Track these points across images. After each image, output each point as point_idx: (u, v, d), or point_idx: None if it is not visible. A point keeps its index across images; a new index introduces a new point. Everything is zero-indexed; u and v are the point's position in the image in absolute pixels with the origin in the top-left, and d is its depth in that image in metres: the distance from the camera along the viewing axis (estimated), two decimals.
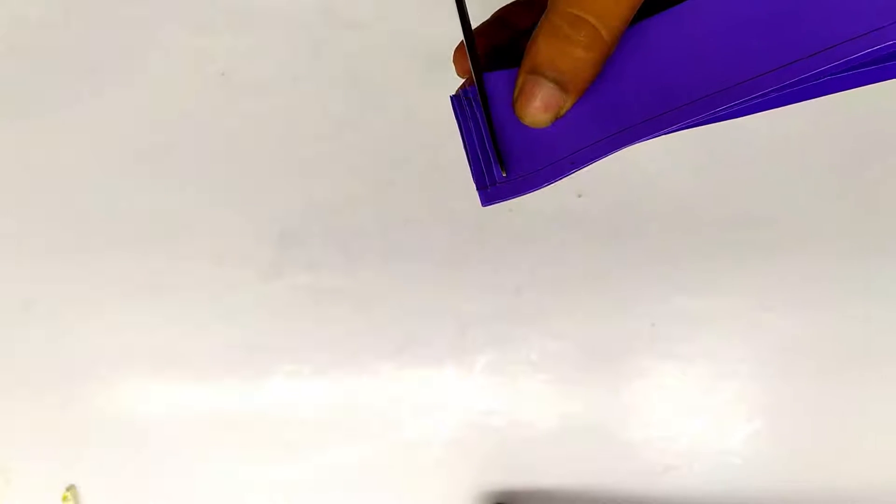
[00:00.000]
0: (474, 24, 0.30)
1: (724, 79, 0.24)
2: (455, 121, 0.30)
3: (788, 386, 0.65)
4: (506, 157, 0.28)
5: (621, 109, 0.26)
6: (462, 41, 0.29)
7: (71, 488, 0.70)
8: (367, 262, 0.64)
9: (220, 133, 0.67)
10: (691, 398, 0.65)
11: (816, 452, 0.65)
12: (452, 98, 0.30)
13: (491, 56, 0.31)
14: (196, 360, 0.68)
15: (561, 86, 0.25)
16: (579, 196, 0.64)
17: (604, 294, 0.65)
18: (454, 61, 0.31)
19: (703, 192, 0.64)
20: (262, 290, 0.67)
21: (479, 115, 0.29)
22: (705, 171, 0.64)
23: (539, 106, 0.26)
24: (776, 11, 0.23)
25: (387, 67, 0.64)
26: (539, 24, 0.25)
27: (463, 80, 0.32)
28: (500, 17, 0.31)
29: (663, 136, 0.25)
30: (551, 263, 0.64)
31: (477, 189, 0.28)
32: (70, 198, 0.69)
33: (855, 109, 0.62)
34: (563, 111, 0.26)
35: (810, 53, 0.21)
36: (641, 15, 0.25)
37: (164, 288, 0.68)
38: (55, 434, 0.70)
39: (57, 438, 0.70)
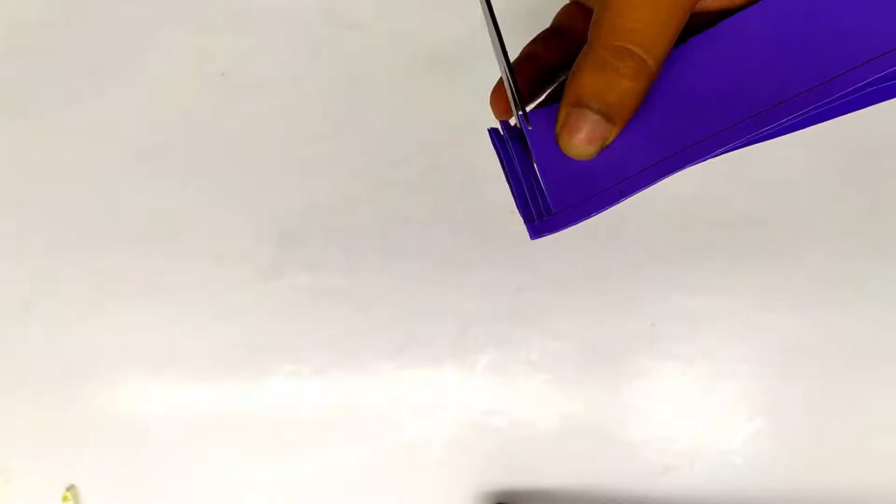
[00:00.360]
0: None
1: (763, 100, 0.24)
2: (496, 155, 0.30)
3: (789, 386, 0.65)
4: (553, 190, 0.28)
5: (665, 136, 0.26)
6: (498, 81, 0.29)
7: (71, 488, 0.70)
8: (367, 261, 0.64)
9: (220, 133, 0.67)
10: (691, 398, 0.65)
11: (817, 452, 0.65)
12: (491, 131, 0.30)
13: (525, 95, 0.31)
14: (196, 359, 0.68)
15: (607, 117, 0.25)
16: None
17: (604, 294, 0.65)
18: (492, 103, 0.31)
19: (704, 192, 0.64)
20: (262, 290, 0.67)
21: (519, 150, 0.29)
22: (706, 172, 0.64)
23: (584, 138, 0.26)
24: (811, 30, 0.24)
25: (387, 67, 0.64)
26: (581, 56, 0.25)
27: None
28: (528, 53, 0.31)
29: (713, 158, 0.26)
30: (551, 263, 0.65)
31: (525, 222, 0.28)
32: (70, 198, 0.69)
33: (855, 116, 0.62)
34: (608, 142, 0.26)
35: (847, 70, 0.23)
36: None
37: (164, 288, 0.68)
38: (55, 434, 0.70)
39: (57, 438, 0.70)
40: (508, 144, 0.30)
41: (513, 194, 0.29)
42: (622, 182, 0.27)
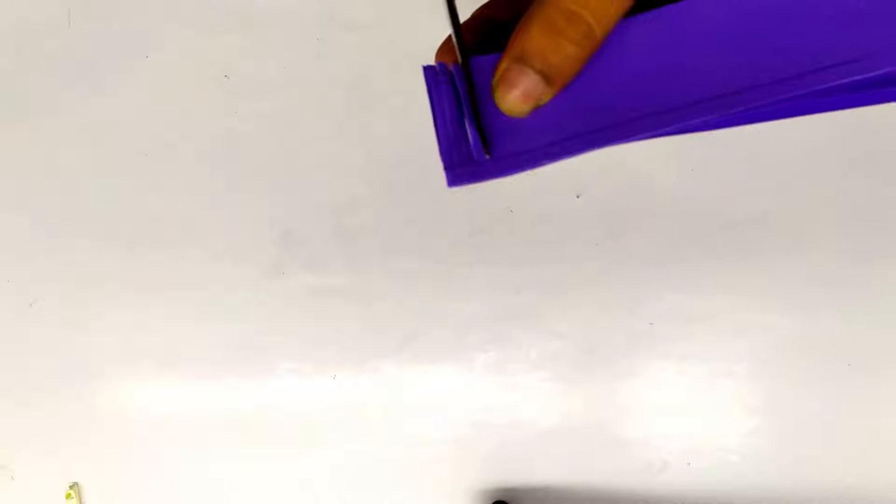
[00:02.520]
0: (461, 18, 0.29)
1: (708, 88, 0.24)
2: (427, 93, 0.29)
3: (786, 385, 0.65)
4: (480, 140, 0.27)
5: (600, 108, 0.25)
6: (446, 38, 0.29)
7: (74, 486, 0.70)
8: (367, 261, 0.64)
9: (222, 133, 0.67)
10: (689, 397, 0.65)
11: (813, 450, 0.65)
12: (426, 69, 0.29)
13: (472, 48, 0.30)
14: (197, 358, 0.69)
15: (546, 78, 0.25)
16: (578, 196, 0.64)
17: (603, 294, 0.65)
18: (437, 57, 0.30)
19: (702, 192, 0.64)
20: (263, 290, 0.67)
21: (459, 94, 0.28)
22: (705, 172, 0.64)
23: (520, 95, 0.25)
24: (768, 27, 0.23)
25: (387, 68, 0.64)
26: (531, 13, 0.25)
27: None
28: (478, 14, 0.31)
29: (648, 139, 0.25)
30: (551, 263, 0.65)
31: (444, 168, 0.27)
32: (73, 198, 0.69)
33: (854, 112, 0.62)
34: (541, 103, 0.26)
35: (802, 72, 0.22)
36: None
37: (165, 287, 0.68)
38: (58, 431, 0.71)
39: (60, 436, 0.71)
40: (442, 87, 0.29)
41: (437, 137, 0.28)
42: (551, 146, 0.27)
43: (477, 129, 0.26)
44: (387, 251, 0.63)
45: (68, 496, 0.70)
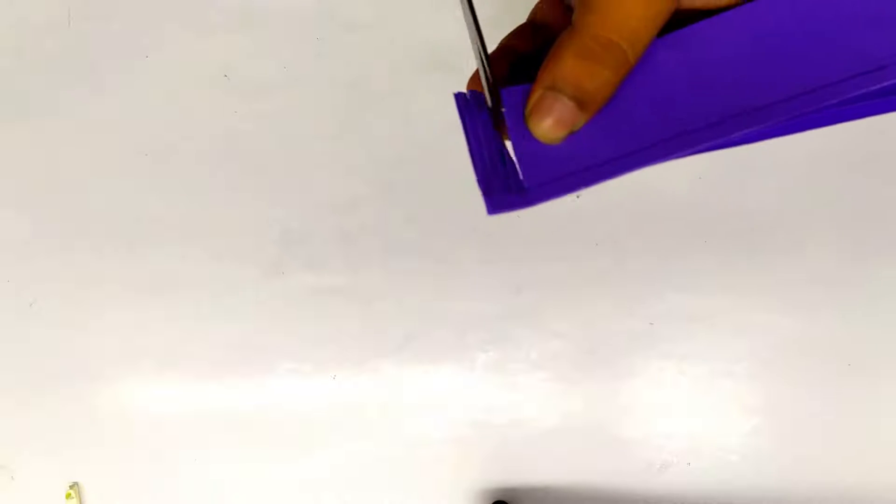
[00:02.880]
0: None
1: (733, 106, 0.24)
2: (460, 122, 0.29)
3: (786, 385, 0.65)
4: (523, 168, 0.28)
5: (632, 131, 0.26)
6: (475, 72, 0.29)
7: (74, 486, 0.70)
8: (367, 261, 0.64)
9: (222, 133, 0.67)
10: (689, 397, 0.65)
11: (813, 450, 0.65)
12: (457, 96, 0.29)
13: (500, 80, 0.31)
14: (198, 358, 0.69)
15: (580, 104, 0.25)
16: (578, 196, 0.64)
17: (603, 294, 0.65)
18: (469, 87, 0.31)
19: (703, 192, 0.64)
20: (263, 289, 0.67)
21: (485, 120, 0.28)
22: (705, 172, 0.65)
23: (554, 123, 0.25)
24: (787, 44, 0.24)
25: (387, 68, 0.64)
26: (562, 41, 0.25)
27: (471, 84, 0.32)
28: (505, 45, 0.31)
29: (684, 157, 0.25)
30: (551, 263, 0.65)
31: (483, 195, 0.28)
32: (73, 198, 0.69)
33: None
34: (575, 129, 0.26)
35: (819, 86, 0.23)
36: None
37: (165, 287, 0.68)
38: (59, 431, 0.71)
39: (60, 436, 0.71)
40: (475, 113, 0.29)
41: (473, 165, 0.28)
42: (586, 171, 0.27)
43: (508, 157, 0.27)
44: (387, 251, 0.63)
45: (68, 496, 0.70)
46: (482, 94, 0.29)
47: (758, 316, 0.65)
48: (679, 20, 0.26)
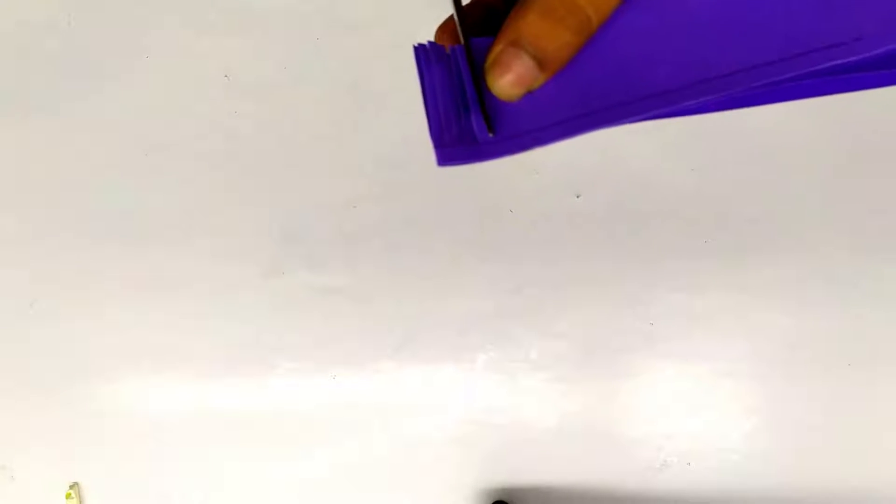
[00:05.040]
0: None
1: (693, 73, 0.24)
2: (417, 73, 0.29)
3: (786, 384, 0.65)
4: (477, 123, 0.27)
5: (590, 92, 0.26)
6: (447, 18, 0.29)
7: (74, 486, 0.70)
8: (367, 260, 0.64)
9: (222, 133, 0.67)
10: (689, 396, 0.65)
11: (814, 449, 0.65)
12: (416, 47, 0.29)
13: (470, 31, 0.31)
14: (198, 357, 0.69)
15: (540, 63, 0.25)
16: (578, 196, 0.64)
17: (603, 293, 0.65)
18: (436, 36, 0.30)
19: (702, 191, 0.64)
20: (263, 289, 0.67)
21: (459, 73, 0.28)
22: (704, 171, 0.64)
23: (513, 79, 0.25)
24: (751, 12, 0.23)
25: (387, 68, 0.64)
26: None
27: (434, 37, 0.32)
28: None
29: (643, 122, 0.25)
30: (551, 263, 0.65)
31: (434, 146, 0.27)
32: (73, 197, 0.69)
33: (855, 110, 0.62)
34: (532, 88, 0.25)
35: (789, 56, 0.22)
36: None
37: (165, 286, 0.68)
38: (58, 432, 0.71)
39: (60, 436, 0.71)
40: (433, 65, 0.29)
41: (427, 115, 0.28)
42: (541, 130, 0.27)
43: (480, 108, 0.26)
44: (387, 251, 0.63)
45: (68, 496, 0.70)
46: (440, 46, 0.29)
47: (758, 316, 0.65)
48: None
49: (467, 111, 0.27)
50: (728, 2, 0.24)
